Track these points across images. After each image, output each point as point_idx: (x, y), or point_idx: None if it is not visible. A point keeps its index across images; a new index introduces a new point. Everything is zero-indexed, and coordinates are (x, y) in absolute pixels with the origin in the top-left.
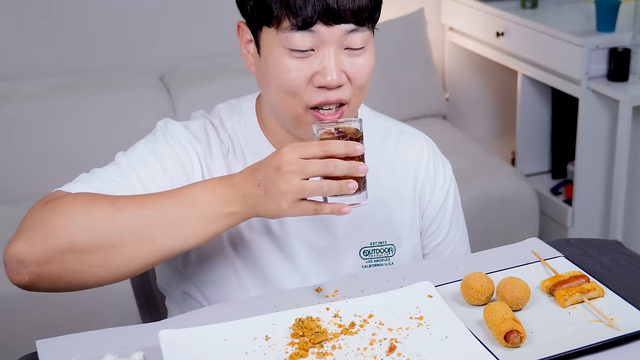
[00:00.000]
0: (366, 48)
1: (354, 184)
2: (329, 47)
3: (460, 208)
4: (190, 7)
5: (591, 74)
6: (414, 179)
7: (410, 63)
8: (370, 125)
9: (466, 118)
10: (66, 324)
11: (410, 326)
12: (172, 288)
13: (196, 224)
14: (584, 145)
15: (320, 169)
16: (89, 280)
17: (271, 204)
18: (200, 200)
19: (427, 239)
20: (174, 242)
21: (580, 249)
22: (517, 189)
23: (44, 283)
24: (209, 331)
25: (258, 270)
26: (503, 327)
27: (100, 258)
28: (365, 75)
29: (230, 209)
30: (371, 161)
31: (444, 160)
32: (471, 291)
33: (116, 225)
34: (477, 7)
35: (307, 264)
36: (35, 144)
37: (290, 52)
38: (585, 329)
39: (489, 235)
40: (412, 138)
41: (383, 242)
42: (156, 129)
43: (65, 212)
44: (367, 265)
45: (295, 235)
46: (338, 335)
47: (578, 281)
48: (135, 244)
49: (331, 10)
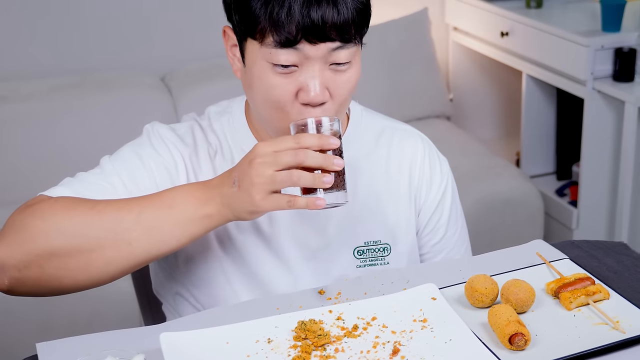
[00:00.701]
0: (352, 63)
1: (329, 177)
2: (314, 64)
3: (459, 207)
4: (191, 6)
5: (596, 75)
6: (409, 177)
7: (414, 63)
8: (362, 124)
9: (470, 119)
10: (66, 326)
11: (414, 329)
12: (165, 290)
13: (173, 227)
14: (589, 147)
15: (291, 158)
16: (69, 285)
17: (244, 198)
18: (177, 203)
19: (424, 238)
20: (152, 246)
21: (585, 251)
22: (521, 190)
23: (24, 287)
24: (210, 334)
25: (248, 272)
26: (508, 330)
27: (79, 262)
28: (346, 92)
29: (207, 211)
30: (364, 160)
31: (440, 157)
32: (475, 293)
33: (95, 228)
34: (481, 6)
35: (299, 265)
36: (35, 145)
37: (274, 68)
38: (591, 332)
39: (494, 237)
40: (406, 135)
41: (378, 241)
42: (142, 133)
43: (45, 216)
44: (362, 265)
45: (286, 235)
46: (341, 338)
47: (583, 283)
48: (113, 247)
49: (315, 27)
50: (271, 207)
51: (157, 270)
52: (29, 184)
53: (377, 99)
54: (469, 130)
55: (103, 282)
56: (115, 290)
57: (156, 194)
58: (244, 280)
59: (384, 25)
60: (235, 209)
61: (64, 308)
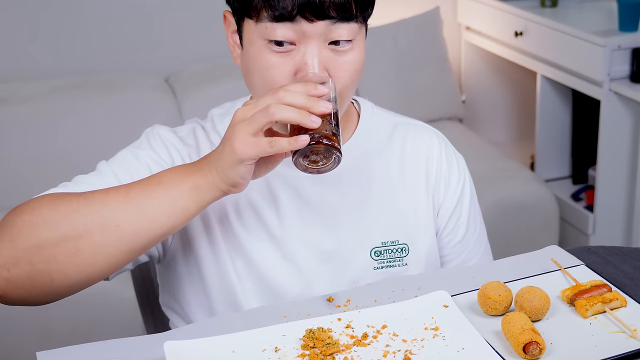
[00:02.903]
0: (354, 44)
1: (316, 117)
2: (311, 41)
3: (477, 205)
4: (195, 5)
5: (613, 75)
6: (426, 174)
7: (425, 64)
8: (374, 120)
9: (483, 121)
10: (67, 335)
11: (426, 337)
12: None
13: (161, 201)
14: (605, 149)
15: (271, 96)
16: (60, 281)
17: (226, 150)
18: (165, 179)
19: (444, 238)
20: (140, 225)
21: (602, 257)
22: (536, 194)
23: (16, 290)
24: (216, 342)
25: (257, 277)
26: (522, 339)
27: (67, 251)
28: (348, 75)
29: (195, 181)
30: (377, 156)
31: (456, 154)
32: (489, 301)
33: (81, 214)
34: (494, 5)
35: (312, 267)
36: (35, 149)
37: (271, 46)
38: (607, 340)
39: (508, 242)
40: (420, 131)
41: (395, 241)
42: (142, 136)
43: (32, 210)
44: (379, 267)
45: (296, 235)
46: (350, 346)
47: (600, 290)
48: (100, 231)
49: (313, 4)
50: (252, 151)
51: (169, 280)
52: (29, 188)
53: (387, 100)
54: (482, 132)
55: (94, 277)
56: (117, 297)
57: (145, 177)
58: (253, 285)
59: (394, 24)
60: (220, 168)
61: (65, 316)
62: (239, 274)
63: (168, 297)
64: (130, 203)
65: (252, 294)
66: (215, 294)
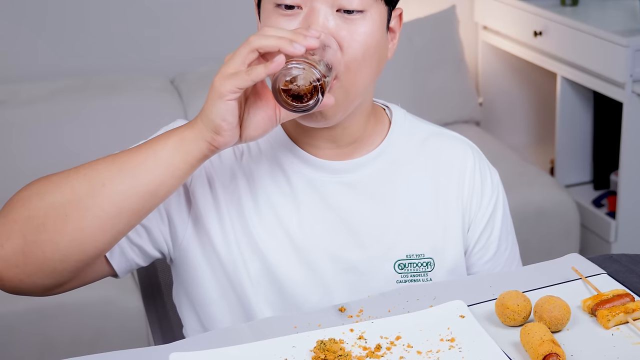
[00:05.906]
0: (366, 16)
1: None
2: (319, 4)
3: (510, 222)
4: (202, 5)
5: (636, 77)
6: (458, 188)
7: (441, 65)
8: (405, 127)
9: (501, 124)
10: (70, 345)
11: (441, 349)
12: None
13: (145, 157)
14: (628, 154)
15: (252, 38)
16: (52, 252)
17: (209, 93)
18: (156, 137)
19: (474, 255)
20: (124, 181)
21: (624, 266)
22: (556, 200)
23: (11, 269)
24: (223, 354)
25: (277, 288)
26: (541, 350)
27: (56, 219)
28: (358, 46)
29: (181, 134)
30: (407, 166)
31: (490, 168)
32: (507, 311)
33: (70, 179)
34: (513, 4)
35: (331, 276)
36: (36, 151)
37: (279, 10)
38: (630, 352)
39: (526, 250)
40: (454, 144)
41: (421, 255)
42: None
43: (28, 186)
44: (402, 281)
45: (317, 245)
46: (363, 358)
47: (622, 300)
48: (87, 194)
49: None
50: (231, 82)
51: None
52: None
53: (401, 102)
54: (499, 136)
55: (87, 248)
56: (122, 305)
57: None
58: (270, 294)
59: (409, 23)
60: (203, 112)
61: (68, 326)
62: (255, 281)
63: (182, 295)
64: (115, 162)
65: (267, 304)
66: (227, 292)
